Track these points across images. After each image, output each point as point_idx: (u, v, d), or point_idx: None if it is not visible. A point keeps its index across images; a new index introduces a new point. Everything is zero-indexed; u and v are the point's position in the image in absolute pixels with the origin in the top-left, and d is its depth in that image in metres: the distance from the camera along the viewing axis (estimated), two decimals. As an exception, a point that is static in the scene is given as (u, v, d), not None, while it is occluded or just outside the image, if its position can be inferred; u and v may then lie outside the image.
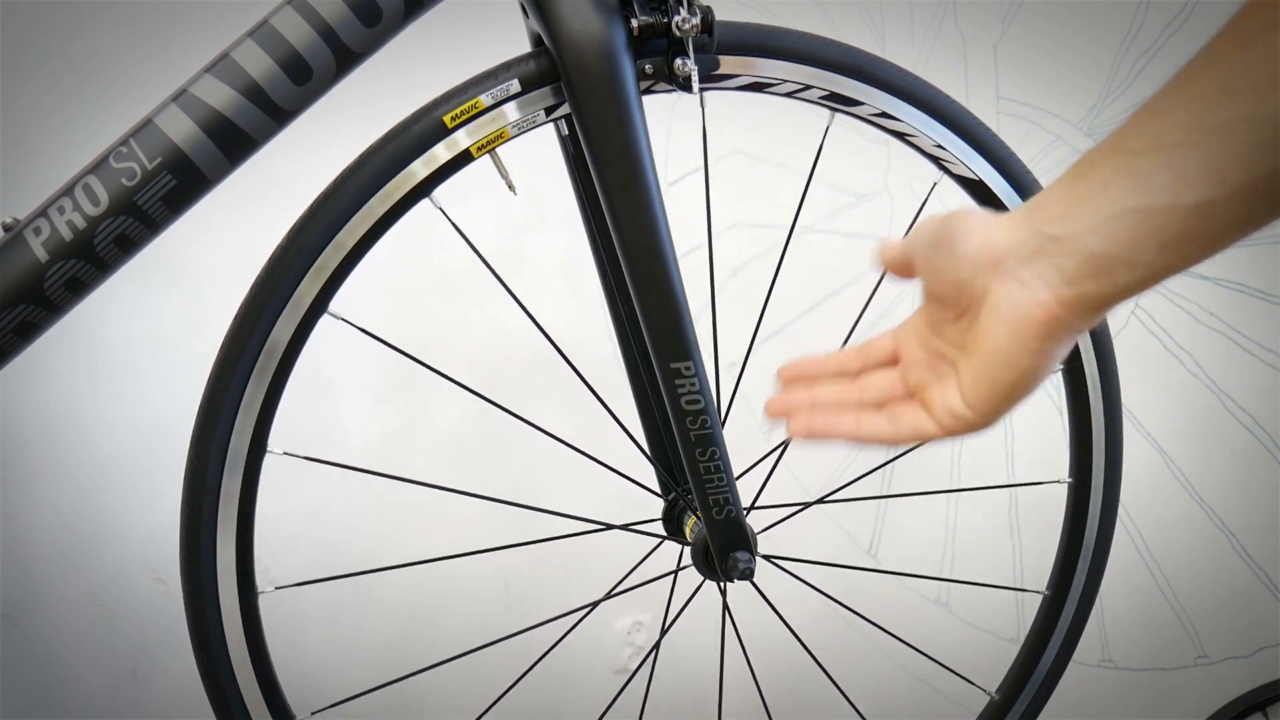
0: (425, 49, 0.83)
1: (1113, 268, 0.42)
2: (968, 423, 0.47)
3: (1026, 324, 0.43)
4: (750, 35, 0.72)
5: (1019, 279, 0.43)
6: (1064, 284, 0.42)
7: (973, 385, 0.46)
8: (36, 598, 1.13)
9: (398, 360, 1.09)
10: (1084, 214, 0.42)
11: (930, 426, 0.48)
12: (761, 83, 0.74)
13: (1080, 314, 0.43)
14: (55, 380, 1.09)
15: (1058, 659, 0.92)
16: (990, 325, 0.44)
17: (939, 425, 0.48)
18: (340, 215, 0.67)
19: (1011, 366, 0.44)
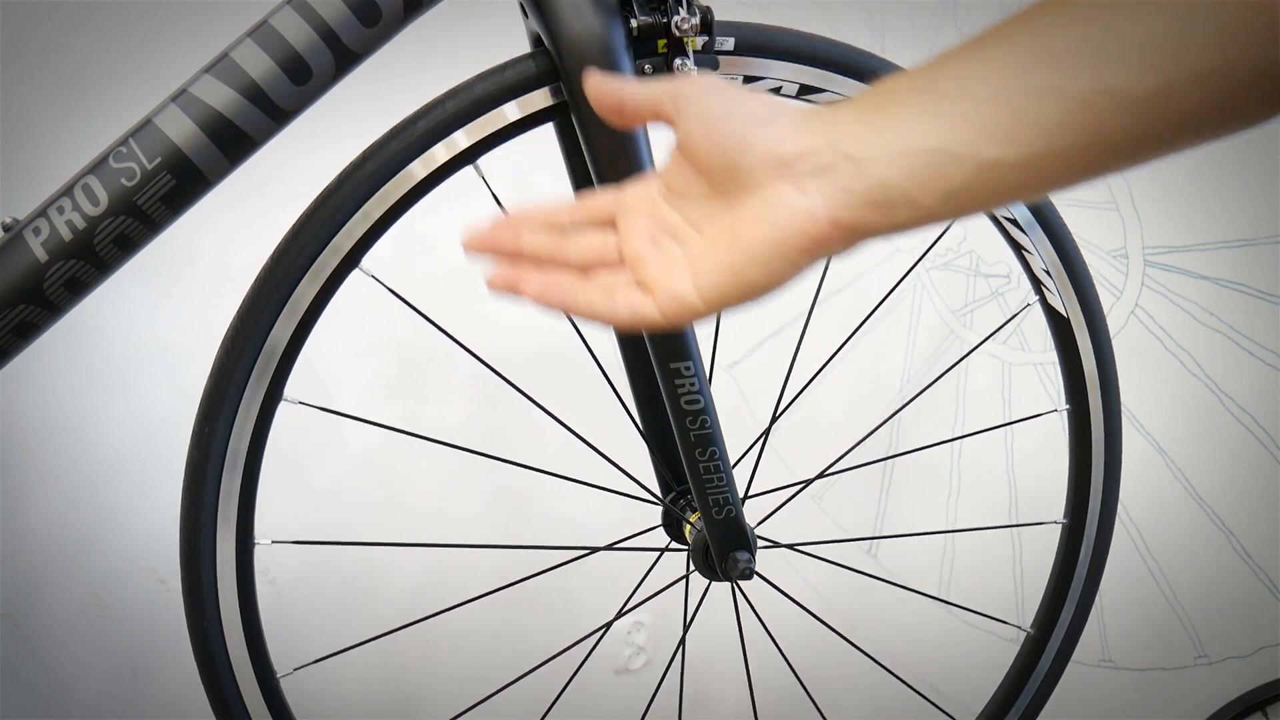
0: (425, 49, 0.83)
1: (894, 202, 0.41)
2: (692, 311, 0.45)
3: (795, 233, 0.42)
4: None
5: (800, 187, 0.42)
6: (844, 206, 0.41)
7: (712, 275, 0.44)
8: (36, 598, 1.13)
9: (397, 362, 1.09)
10: (883, 142, 0.41)
11: (651, 311, 0.45)
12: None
13: (846, 239, 0.42)
14: (55, 380, 1.09)
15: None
16: (754, 221, 0.43)
17: (661, 311, 0.45)
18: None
19: (761, 268, 0.43)
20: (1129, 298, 1.45)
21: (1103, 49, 0.37)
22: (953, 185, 0.40)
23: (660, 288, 0.45)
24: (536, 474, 1.27)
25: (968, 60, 0.40)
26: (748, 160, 0.43)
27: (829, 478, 1.11)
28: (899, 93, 0.42)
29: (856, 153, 0.41)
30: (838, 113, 0.43)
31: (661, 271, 0.45)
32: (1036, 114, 0.38)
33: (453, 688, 0.90)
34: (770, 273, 0.43)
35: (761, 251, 0.43)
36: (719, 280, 0.44)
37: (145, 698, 1.19)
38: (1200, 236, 1.43)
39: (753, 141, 0.43)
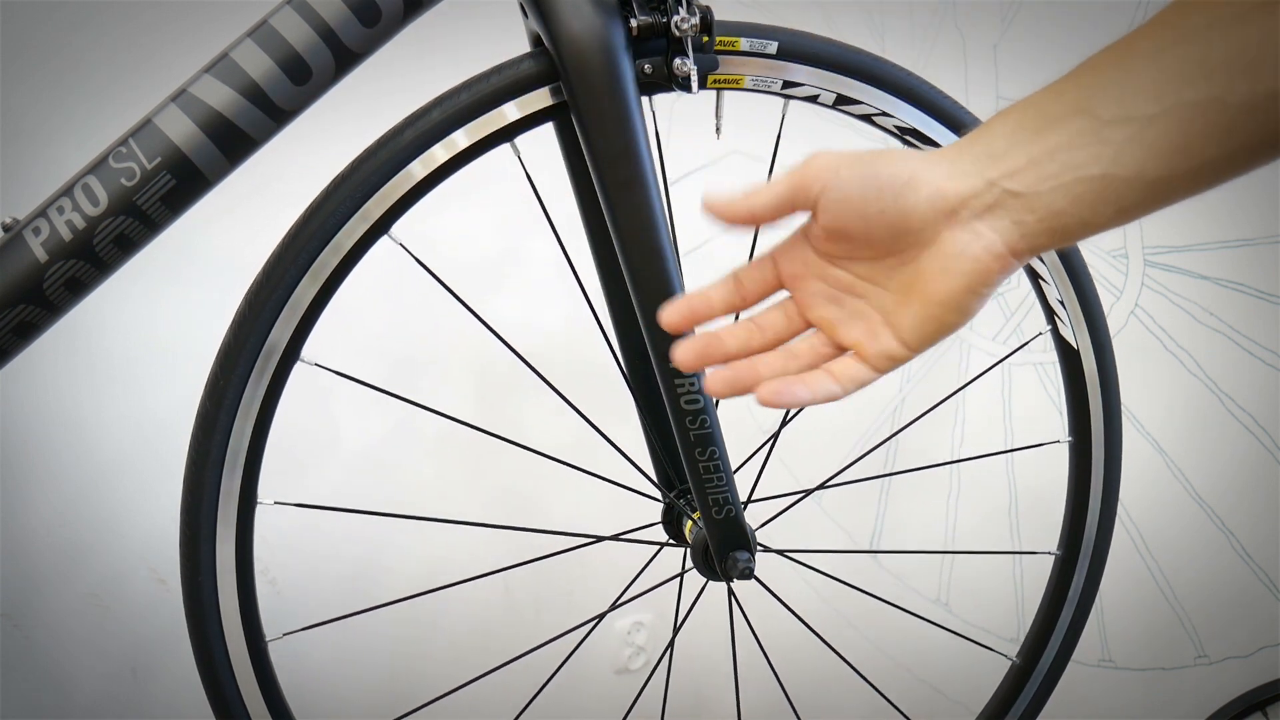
0: (425, 49, 0.83)
1: (1069, 227, 0.43)
2: (903, 361, 0.48)
3: (983, 274, 0.44)
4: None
5: (973, 230, 0.44)
6: (1021, 237, 0.44)
7: (916, 327, 0.47)
8: (36, 598, 1.13)
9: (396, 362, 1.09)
10: (1047, 173, 0.42)
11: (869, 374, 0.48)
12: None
13: (1026, 259, 0.45)
14: (55, 380, 1.09)
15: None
16: (941, 274, 0.45)
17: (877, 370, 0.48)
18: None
19: (960, 311, 0.46)
20: (1129, 298, 1.45)
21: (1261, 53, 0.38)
22: (1125, 204, 0.42)
23: (867, 349, 0.48)
24: (534, 477, 1.27)
25: (1120, 79, 0.41)
26: (912, 223, 0.45)
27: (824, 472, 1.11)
28: (1053, 119, 0.43)
29: (1021, 188, 0.43)
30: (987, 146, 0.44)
31: (863, 334, 0.48)
32: (1204, 127, 0.39)
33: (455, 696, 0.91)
34: (966, 312, 0.46)
35: (955, 298, 0.45)
36: (923, 330, 0.47)
37: (145, 698, 1.19)
38: (1200, 236, 1.43)
39: (910, 206, 0.45)
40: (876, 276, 0.48)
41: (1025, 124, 0.43)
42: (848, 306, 0.49)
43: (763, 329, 0.50)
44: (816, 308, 0.49)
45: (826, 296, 0.49)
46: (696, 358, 0.50)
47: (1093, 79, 0.42)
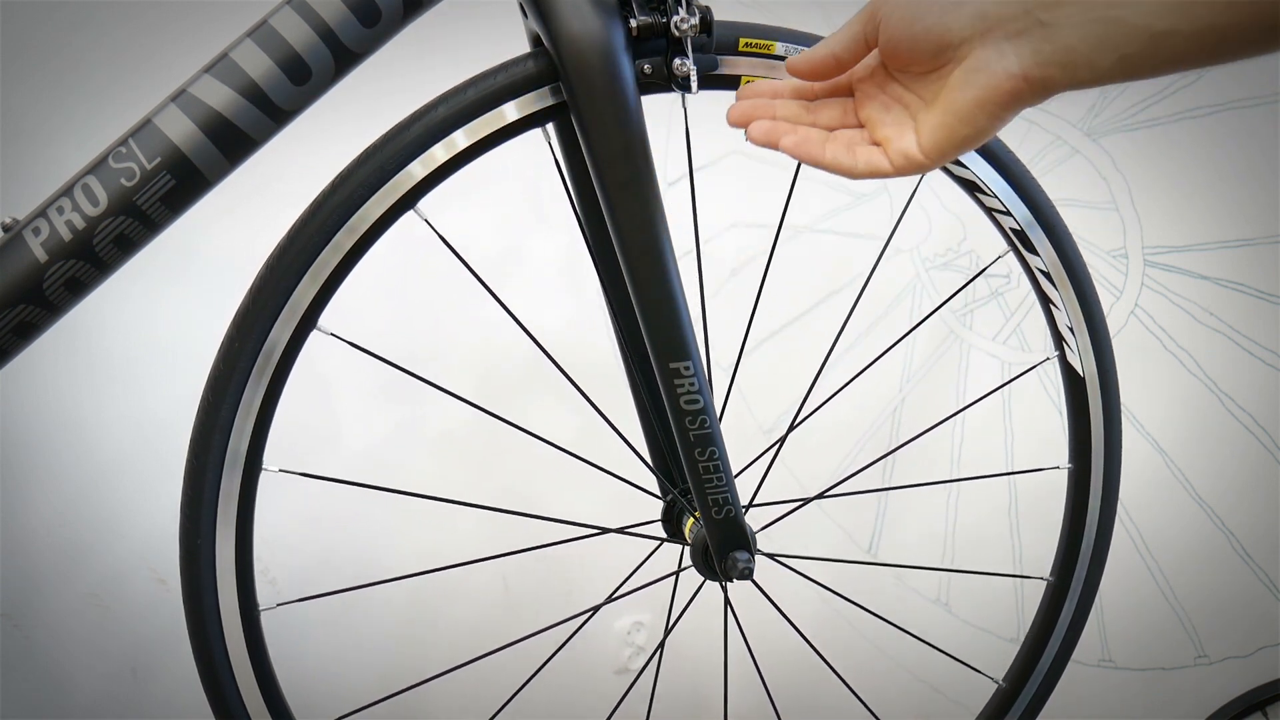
0: (425, 49, 0.83)
1: (1076, 63, 0.48)
2: (918, 165, 0.54)
3: (995, 90, 0.50)
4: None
5: (1000, 50, 0.49)
6: (1035, 65, 0.48)
7: (931, 134, 0.52)
8: (36, 598, 1.13)
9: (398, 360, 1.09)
10: (1070, 12, 0.47)
11: (885, 164, 0.54)
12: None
13: (1038, 92, 0.49)
14: (55, 380, 1.09)
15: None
16: (961, 85, 0.51)
17: (893, 165, 0.54)
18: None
19: (970, 123, 0.51)
20: (1129, 298, 1.45)
21: None
22: (1128, 51, 0.46)
23: (891, 145, 0.54)
24: (536, 475, 1.27)
25: None
26: (953, 37, 0.51)
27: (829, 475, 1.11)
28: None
29: (1046, 18, 0.48)
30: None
31: (892, 131, 0.55)
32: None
33: (449, 689, 0.90)
34: (976, 126, 0.51)
35: (969, 110, 0.51)
36: (937, 136, 0.52)
37: (145, 698, 1.19)
38: (1200, 236, 1.43)
39: (954, 20, 0.50)
40: (921, 90, 0.54)
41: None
42: (893, 113, 0.56)
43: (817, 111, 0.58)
44: (869, 109, 0.57)
45: (882, 104, 0.56)
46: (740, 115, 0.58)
47: None
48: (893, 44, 0.54)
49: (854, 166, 0.55)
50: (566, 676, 1.33)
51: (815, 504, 1.44)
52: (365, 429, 1.24)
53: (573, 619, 0.90)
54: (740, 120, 0.58)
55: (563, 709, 1.39)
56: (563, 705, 1.39)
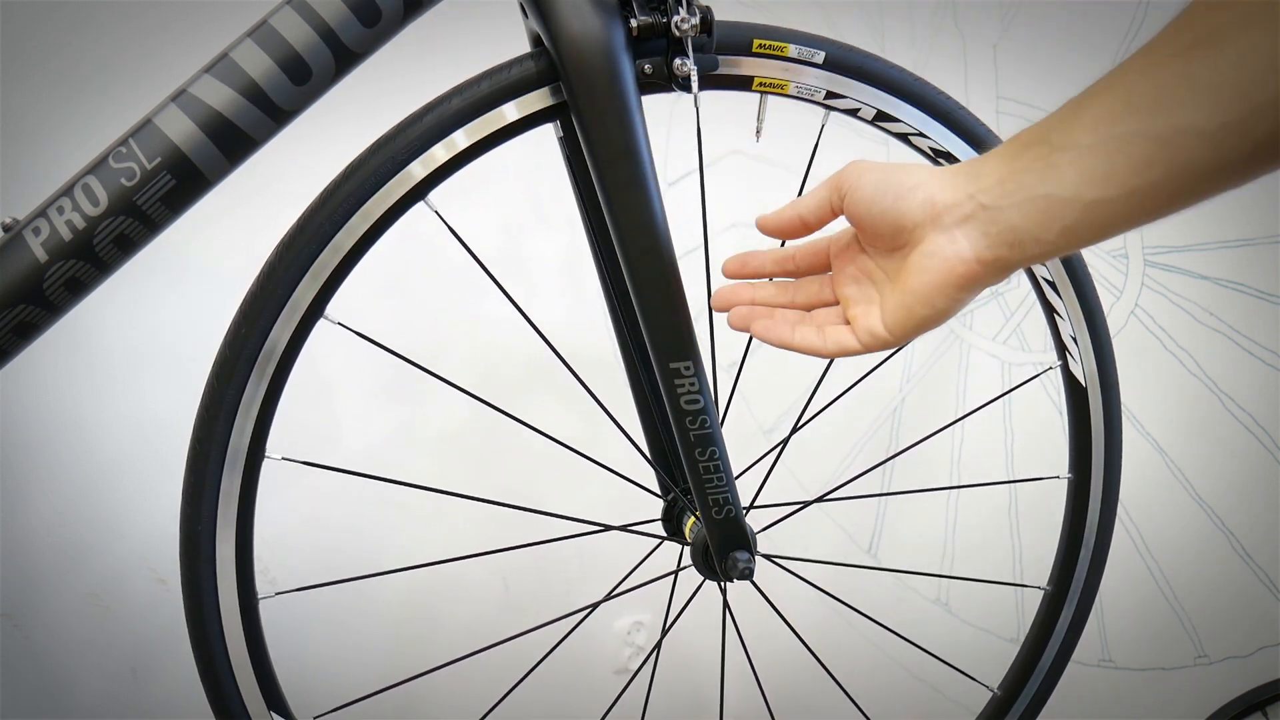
0: (425, 49, 0.83)
1: (1023, 241, 0.49)
2: (884, 342, 0.56)
3: (949, 274, 0.51)
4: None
5: (950, 235, 0.51)
6: (986, 247, 0.50)
7: (893, 313, 0.55)
8: (36, 598, 1.13)
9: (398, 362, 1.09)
10: (1009, 191, 0.49)
11: (853, 343, 0.57)
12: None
13: (993, 273, 0.51)
14: (55, 380, 1.09)
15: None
16: (918, 269, 0.53)
17: (860, 343, 0.57)
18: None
19: (929, 305, 0.53)
20: (1129, 298, 1.45)
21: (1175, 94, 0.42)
22: (1068, 223, 0.47)
23: (859, 325, 0.57)
24: (536, 476, 1.27)
25: (1074, 114, 0.47)
26: (907, 223, 0.53)
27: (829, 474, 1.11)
28: (1025, 145, 0.49)
29: (989, 202, 0.50)
30: (977, 166, 0.51)
31: (860, 310, 0.57)
32: (1126, 156, 0.44)
33: (450, 686, 0.91)
34: (935, 308, 0.53)
35: (927, 293, 0.52)
36: (898, 316, 0.54)
37: (145, 698, 1.20)
38: (1200, 236, 1.43)
39: (906, 207, 0.53)
40: (886, 267, 0.57)
41: (1007, 151, 0.50)
42: (862, 289, 0.58)
43: (797, 291, 0.62)
44: (843, 285, 0.59)
45: (853, 278, 0.59)
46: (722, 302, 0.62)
47: (1060, 113, 0.48)
48: (856, 220, 0.56)
49: (823, 347, 0.58)
50: (565, 676, 1.33)
51: (816, 505, 1.44)
52: (366, 427, 1.24)
53: (571, 615, 0.90)
54: (722, 306, 0.62)
55: (562, 709, 1.39)
56: (562, 705, 1.39)
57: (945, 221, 0.51)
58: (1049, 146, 0.47)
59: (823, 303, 0.61)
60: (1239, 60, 0.40)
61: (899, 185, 0.53)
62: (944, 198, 0.51)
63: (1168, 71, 0.43)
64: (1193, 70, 0.42)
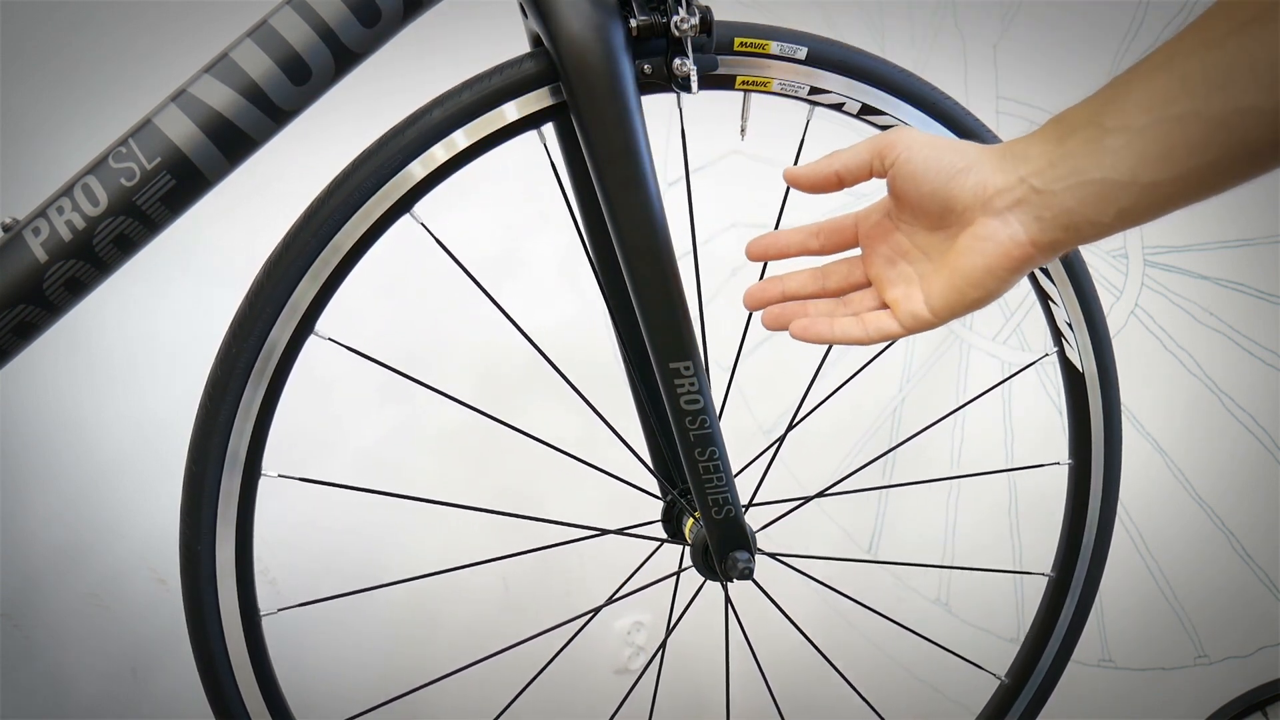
0: (425, 49, 0.83)
1: (1078, 224, 0.49)
2: (927, 324, 0.55)
3: (1003, 258, 0.51)
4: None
5: (1003, 219, 0.51)
6: (1040, 231, 0.50)
7: (941, 296, 0.54)
8: (36, 598, 1.13)
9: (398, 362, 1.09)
10: (1060, 175, 0.49)
11: (896, 328, 0.56)
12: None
13: (1046, 254, 0.51)
14: (55, 380, 1.09)
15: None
16: (969, 252, 0.52)
17: (903, 327, 0.56)
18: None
19: (980, 288, 0.52)
20: (1129, 298, 1.45)
21: (1232, 73, 0.42)
22: (1123, 205, 0.47)
23: (901, 308, 0.56)
24: (535, 477, 1.27)
25: (1124, 95, 0.47)
26: (957, 205, 0.52)
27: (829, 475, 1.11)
28: (1073, 127, 0.49)
29: (1042, 186, 0.49)
30: (1023, 147, 0.51)
31: (900, 293, 0.56)
32: (1183, 137, 0.44)
33: (449, 688, 0.91)
34: (987, 290, 0.53)
35: (979, 276, 0.52)
36: (948, 299, 0.54)
37: (145, 698, 1.19)
38: (1200, 236, 1.43)
39: (958, 189, 0.52)
40: (927, 246, 0.56)
41: (1054, 133, 0.50)
42: (899, 269, 0.57)
43: (826, 276, 0.61)
44: (876, 266, 0.58)
45: (886, 258, 0.58)
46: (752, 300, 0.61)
47: (1108, 93, 0.48)
48: (901, 194, 0.55)
49: (865, 336, 0.57)
50: (566, 676, 1.33)
51: (816, 505, 1.44)
52: (365, 428, 1.24)
53: (573, 620, 0.90)
54: (754, 306, 0.62)
55: (563, 709, 1.39)
56: (563, 705, 1.39)
57: (997, 205, 0.51)
58: (1100, 129, 0.47)
59: (853, 285, 0.60)
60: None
61: (951, 165, 0.52)
62: (996, 181, 0.51)
63: (1223, 51, 0.43)
64: (1249, 49, 0.42)
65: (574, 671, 1.36)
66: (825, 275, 0.61)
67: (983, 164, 0.52)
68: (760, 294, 0.61)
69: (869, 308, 0.58)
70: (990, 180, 0.51)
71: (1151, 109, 0.45)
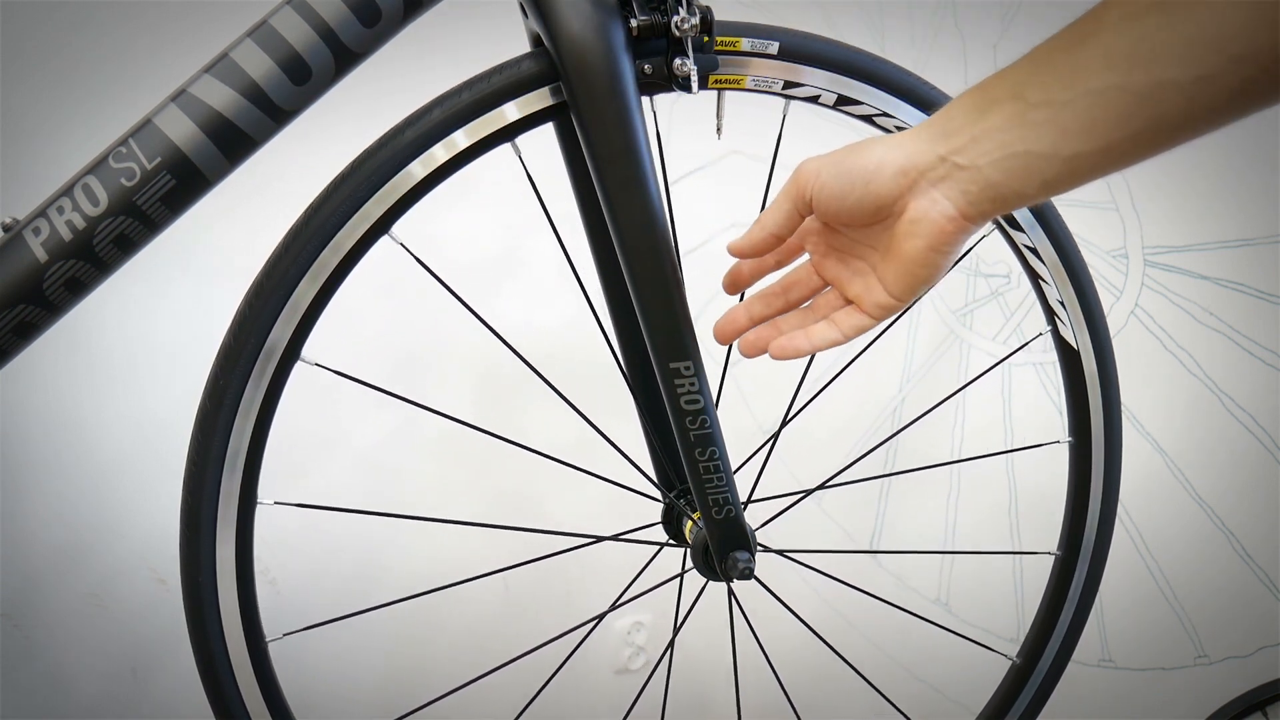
0: (425, 49, 0.83)
1: (1004, 196, 0.50)
2: (893, 309, 0.58)
3: (940, 235, 0.53)
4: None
5: (930, 197, 0.52)
6: (968, 204, 0.51)
7: (896, 280, 0.56)
8: (36, 598, 1.13)
9: (398, 361, 1.09)
10: (984, 149, 0.50)
11: (866, 321, 0.59)
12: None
13: (979, 223, 0.53)
14: (55, 380, 1.09)
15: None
16: (909, 235, 0.54)
17: (874, 318, 0.58)
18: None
19: (928, 266, 0.54)
20: (1129, 298, 1.45)
21: (1154, 48, 0.43)
22: (1047, 177, 0.48)
23: (866, 301, 0.58)
24: (535, 478, 1.27)
25: (1046, 68, 0.47)
26: (884, 201, 0.54)
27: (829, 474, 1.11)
28: (994, 100, 0.49)
29: (965, 162, 0.50)
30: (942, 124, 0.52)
31: (860, 287, 0.59)
32: (1105, 111, 0.45)
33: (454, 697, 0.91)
34: (936, 266, 0.54)
35: (923, 256, 0.54)
36: (903, 283, 0.56)
37: (145, 698, 1.19)
38: (1200, 236, 1.43)
39: (879, 189, 0.54)
40: (869, 240, 0.58)
41: (974, 105, 0.50)
42: (851, 265, 0.59)
43: (788, 290, 0.62)
44: (830, 268, 0.60)
45: (837, 259, 0.60)
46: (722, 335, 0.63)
47: (1029, 67, 0.48)
48: (833, 218, 0.57)
49: (841, 336, 0.59)
50: (567, 677, 1.33)
51: (816, 505, 1.44)
52: (365, 429, 1.24)
53: (576, 630, 0.90)
54: (726, 339, 0.64)
55: (563, 709, 1.39)
56: (563, 706, 1.39)
57: (922, 186, 0.52)
58: (1023, 103, 0.48)
59: (814, 291, 0.62)
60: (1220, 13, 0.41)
61: (861, 170, 0.54)
62: (915, 163, 0.52)
63: (1147, 24, 0.43)
64: (1173, 23, 0.42)
65: (574, 672, 1.36)
66: (786, 290, 0.63)
67: (895, 153, 0.53)
68: (730, 326, 0.63)
69: (836, 307, 0.60)
70: (908, 164, 0.52)
71: (1075, 83, 0.45)
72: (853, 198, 0.54)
